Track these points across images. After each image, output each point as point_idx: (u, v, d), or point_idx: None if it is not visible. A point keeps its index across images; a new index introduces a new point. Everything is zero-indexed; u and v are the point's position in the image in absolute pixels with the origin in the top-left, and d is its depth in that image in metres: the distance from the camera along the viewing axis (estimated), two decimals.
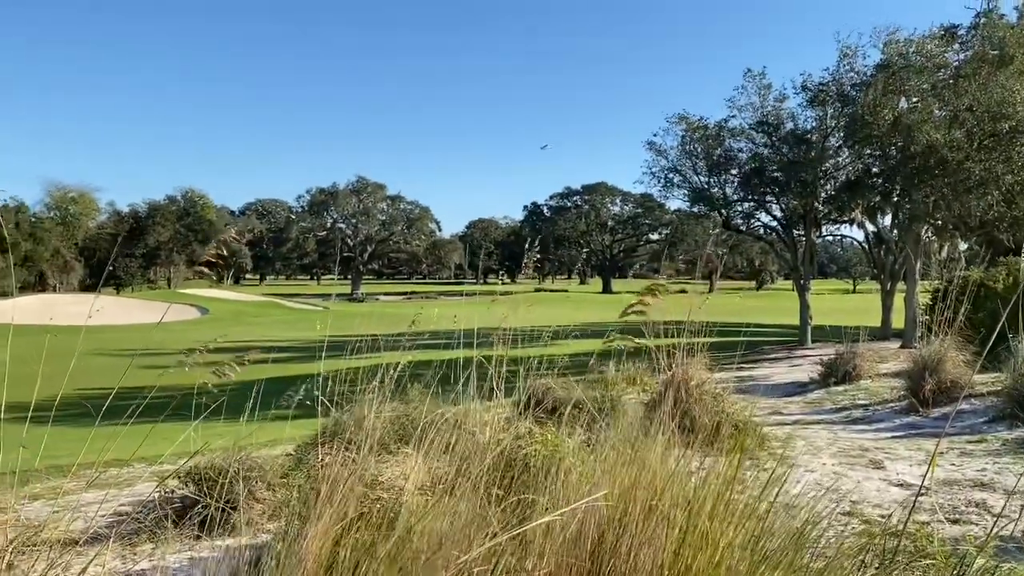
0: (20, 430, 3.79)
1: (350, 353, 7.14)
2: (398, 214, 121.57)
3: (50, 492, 6.77)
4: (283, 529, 3.73)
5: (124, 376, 4.53)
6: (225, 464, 5.27)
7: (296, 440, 6.80)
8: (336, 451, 4.46)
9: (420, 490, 3.25)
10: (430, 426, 5.53)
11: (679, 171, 33.86)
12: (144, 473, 7.22)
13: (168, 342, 29.19)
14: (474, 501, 2.79)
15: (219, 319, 61.23)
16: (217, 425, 5.88)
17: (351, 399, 6.37)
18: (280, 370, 7.43)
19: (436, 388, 7.30)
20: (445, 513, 2.65)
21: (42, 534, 3.28)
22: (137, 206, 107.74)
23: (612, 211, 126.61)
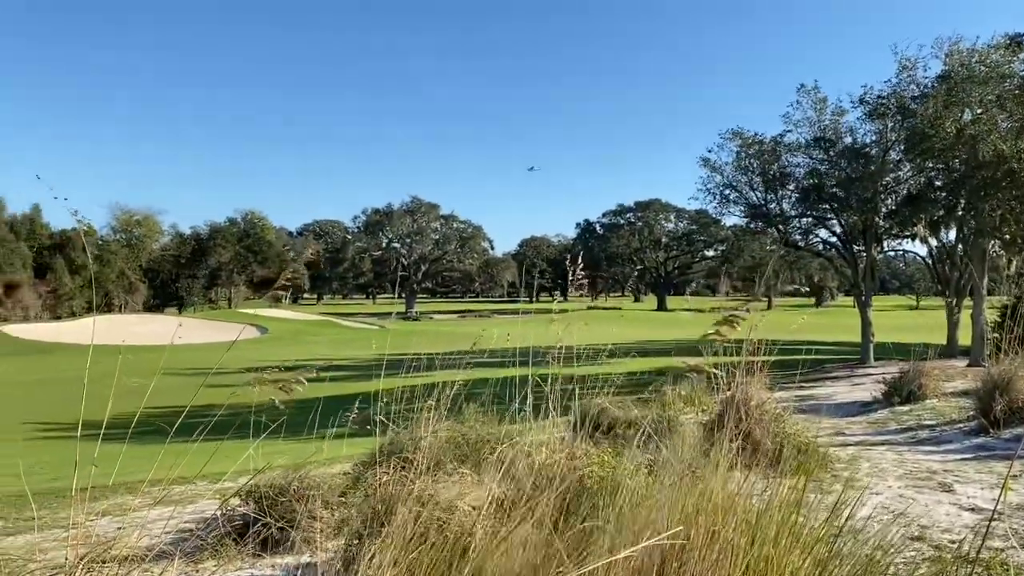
0: (93, 448, 3.90)
1: (405, 371, 7.20)
2: (451, 233, 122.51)
3: (118, 509, 6.95)
4: (342, 548, 3.77)
5: (187, 394, 4.63)
6: (285, 482, 5.34)
7: (353, 458, 6.86)
8: (393, 470, 4.49)
9: (476, 509, 3.25)
10: (486, 445, 5.54)
11: (735, 187, 33.49)
12: (206, 491, 7.36)
13: (229, 361, 29.84)
14: (538, 529, 2.76)
15: (278, 338, 62.34)
16: (277, 443, 5.98)
17: (407, 418, 6.41)
18: (337, 389, 7.51)
19: (491, 407, 7.32)
20: (510, 541, 2.62)
21: (111, 551, 3.37)
22: (199, 228, 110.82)
23: (666, 228, 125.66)
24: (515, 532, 2.72)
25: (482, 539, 2.83)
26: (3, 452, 4.75)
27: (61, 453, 11.64)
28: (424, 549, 2.74)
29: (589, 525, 2.86)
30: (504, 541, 2.68)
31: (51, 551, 3.79)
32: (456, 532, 2.89)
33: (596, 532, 2.83)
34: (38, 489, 6.71)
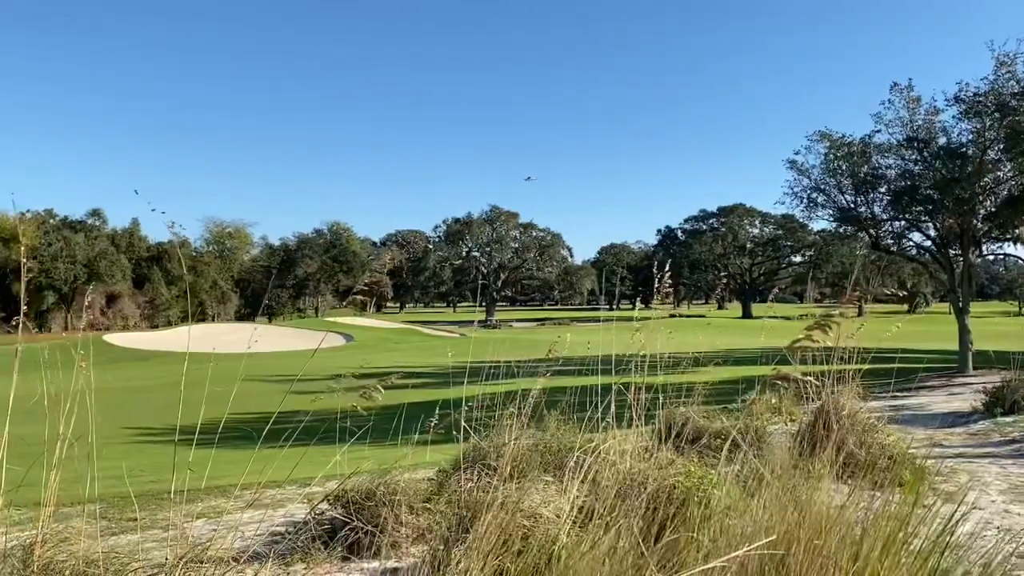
0: (188, 452, 4.06)
1: (486, 379, 7.23)
2: (530, 241, 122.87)
3: (212, 511, 7.19)
4: (427, 554, 3.80)
5: (277, 401, 4.76)
6: (371, 487, 5.43)
7: (437, 465, 6.93)
8: (477, 477, 4.51)
9: (560, 517, 3.23)
10: (568, 453, 5.50)
11: (823, 190, 32.50)
12: (295, 495, 7.55)
13: (316, 368, 30.58)
14: (626, 539, 2.72)
15: (363, 346, 63.62)
16: (363, 449, 6.09)
17: (488, 425, 6.44)
18: (420, 395, 7.61)
19: (572, 415, 7.28)
20: (597, 549, 2.59)
21: (207, 552, 3.48)
22: (287, 239, 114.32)
23: (751, 233, 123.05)
24: (602, 541, 2.69)
25: (567, 547, 2.80)
26: (105, 456, 5.00)
27: (158, 457, 12.13)
28: (509, 556, 2.73)
29: (682, 536, 2.80)
30: (591, 550, 2.65)
31: (151, 551, 3.95)
32: (541, 540, 2.88)
33: (686, 543, 2.77)
34: (137, 491, 7.00)
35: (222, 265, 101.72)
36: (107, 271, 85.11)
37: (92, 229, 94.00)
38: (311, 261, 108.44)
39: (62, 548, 3.82)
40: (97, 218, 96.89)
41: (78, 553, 3.64)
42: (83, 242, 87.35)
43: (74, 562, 3.57)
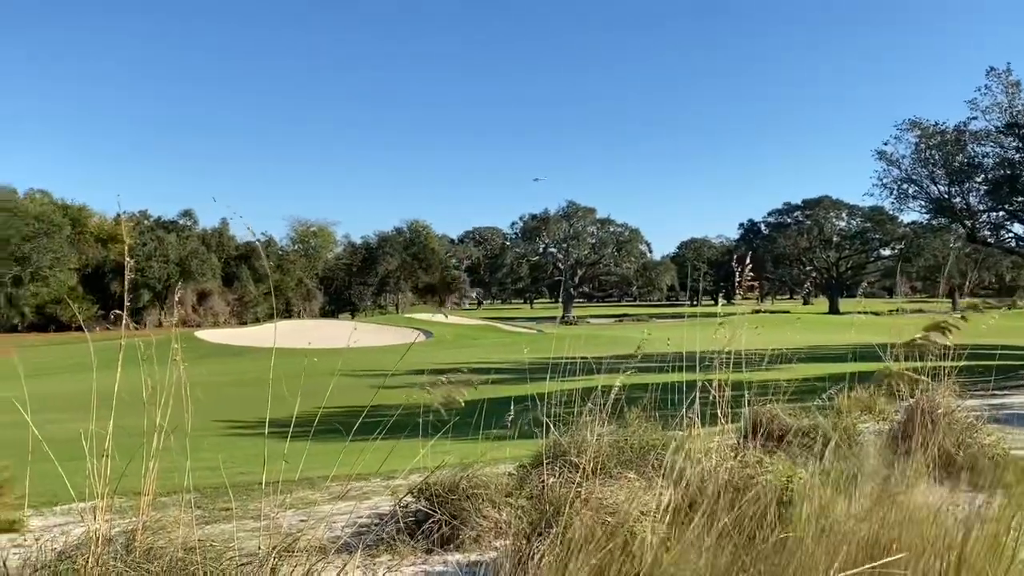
0: (277, 444, 4.18)
1: (564, 375, 7.22)
2: (608, 237, 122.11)
3: (301, 503, 7.39)
4: (509, 548, 3.82)
5: (362, 395, 4.86)
6: (454, 481, 5.49)
7: (517, 460, 6.95)
8: (558, 473, 4.51)
9: (645, 514, 3.20)
10: (651, 450, 5.45)
11: (914, 181, 31.31)
12: (380, 488, 7.69)
13: (399, 364, 31.07)
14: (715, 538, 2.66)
15: (442, 342, 64.35)
16: (445, 443, 6.16)
17: (568, 421, 6.43)
18: (498, 391, 7.65)
19: (654, 412, 7.20)
20: (690, 549, 2.55)
21: (298, 542, 3.59)
22: (368, 238, 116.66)
23: (837, 226, 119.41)
24: (693, 539, 2.65)
25: (654, 544, 2.77)
26: (198, 448, 5.21)
27: (248, 449, 12.53)
28: (593, 552, 2.72)
29: (779, 536, 2.73)
30: (682, 548, 2.61)
31: (244, 540, 4.09)
32: (626, 536, 2.85)
33: (779, 544, 2.69)
34: (229, 483, 7.25)
35: (307, 263, 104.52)
36: (198, 270, 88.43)
37: (184, 229, 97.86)
38: (391, 259, 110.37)
39: (161, 535, 3.99)
40: (188, 218, 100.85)
41: (176, 540, 3.80)
42: (175, 242, 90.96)
43: (173, 549, 3.73)
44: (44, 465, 5.22)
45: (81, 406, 4.84)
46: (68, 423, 4.42)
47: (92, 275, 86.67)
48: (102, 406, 4.30)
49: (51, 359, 52.46)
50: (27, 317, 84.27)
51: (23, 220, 73.62)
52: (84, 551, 3.76)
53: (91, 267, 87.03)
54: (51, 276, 78.13)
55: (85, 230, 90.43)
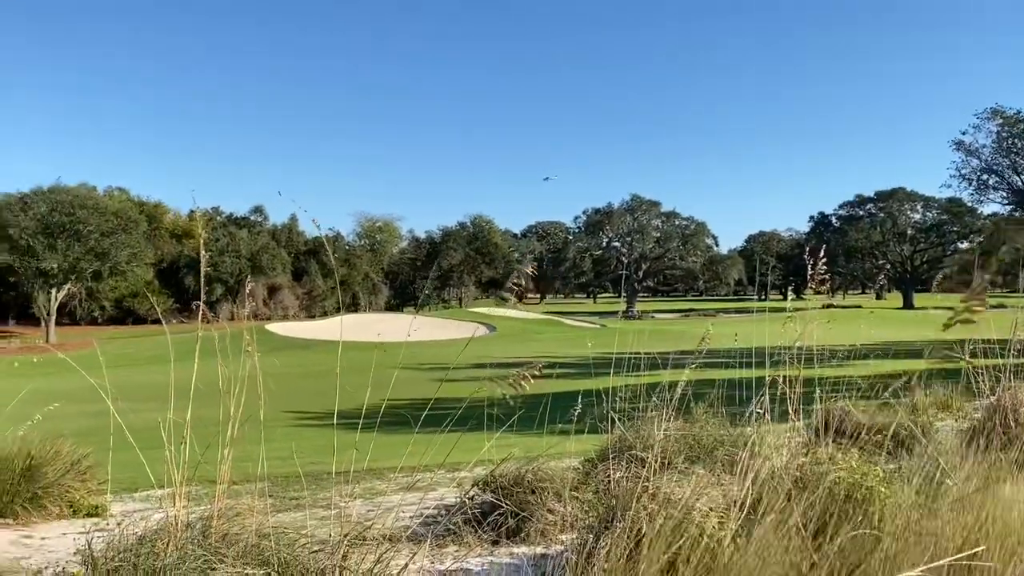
0: (345, 435, 4.26)
1: (628, 370, 7.16)
2: (673, 231, 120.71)
3: (368, 492, 7.52)
4: (574, 541, 3.81)
5: (426, 388, 4.92)
6: (519, 474, 5.51)
7: (581, 454, 6.94)
8: (624, 467, 4.49)
9: (714, 510, 3.15)
10: (719, 446, 5.37)
11: (995, 171, 30.18)
12: (444, 479, 7.77)
13: (460, 357, 31.39)
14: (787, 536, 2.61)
15: (505, 336, 64.62)
16: (510, 437, 6.18)
17: (632, 416, 6.38)
18: (562, 385, 7.63)
19: (721, 408, 7.10)
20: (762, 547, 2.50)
21: (368, 531, 3.66)
22: (432, 232, 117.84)
23: (912, 219, 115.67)
24: (767, 537, 2.60)
25: (720, 539, 2.73)
26: (269, 438, 5.36)
27: (317, 440, 12.80)
28: (660, 547, 2.70)
29: (857, 533, 2.65)
30: (754, 545, 2.56)
31: (314, 528, 4.19)
32: (694, 532, 2.82)
33: (856, 541, 2.62)
34: (298, 472, 7.42)
35: (373, 258, 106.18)
36: (268, 264, 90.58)
37: (255, 225, 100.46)
38: (455, 253, 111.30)
39: (235, 522, 4.11)
40: (259, 214, 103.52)
41: (250, 527, 3.91)
42: (247, 237, 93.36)
43: (247, 535, 3.83)
44: (124, 453, 5.43)
45: (158, 396, 5.02)
46: (146, 413, 4.59)
47: (167, 270, 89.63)
48: (179, 396, 4.45)
49: (130, 351, 54.46)
50: (106, 310, 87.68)
51: (103, 216, 76.41)
52: (163, 536, 3.90)
53: (166, 262, 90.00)
54: (129, 271, 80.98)
55: (161, 226, 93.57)
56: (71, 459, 8.07)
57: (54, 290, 76.01)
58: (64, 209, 74.39)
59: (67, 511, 7.78)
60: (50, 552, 5.99)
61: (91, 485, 8.15)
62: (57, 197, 76.05)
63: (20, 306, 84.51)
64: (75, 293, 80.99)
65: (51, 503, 7.70)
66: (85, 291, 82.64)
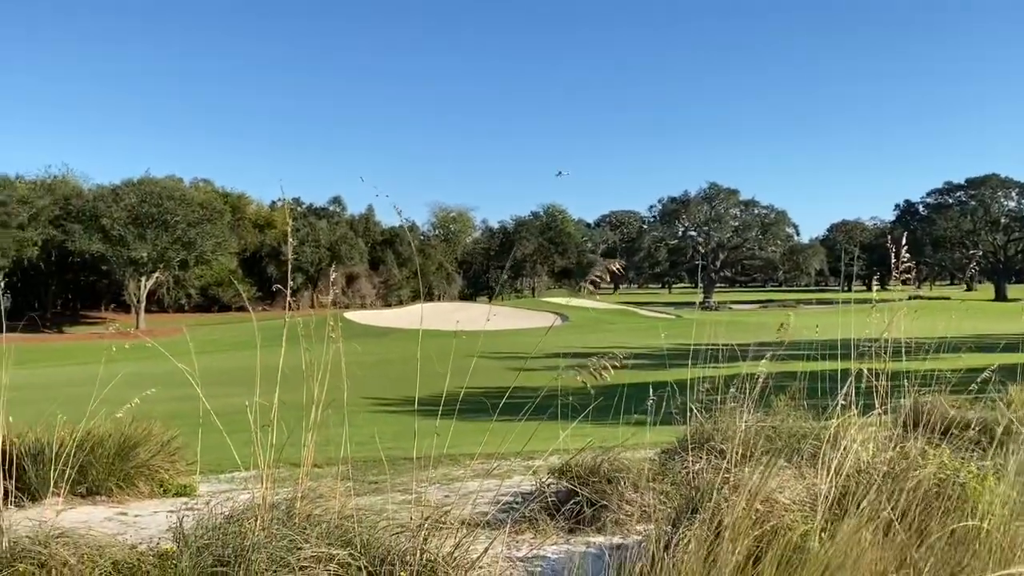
0: (421, 421, 4.33)
1: (705, 362, 7.06)
2: (752, 219, 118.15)
3: (443, 478, 7.62)
4: (652, 532, 3.78)
5: (500, 376, 4.94)
6: (595, 463, 5.50)
7: (657, 445, 6.88)
8: (704, 459, 4.43)
9: (796, 503, 3.08)
10: (801, 439, 5.25)
11: None
12: (520, 467, 7.81)
13: (534, 347, 31.45)
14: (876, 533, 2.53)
15: (578, 326, 64.45)
16: (585, 427, 6.17)
17: (710, 408, 6.29)
18: (636, 376, 7.57)
19: (802, 400, 6.93)
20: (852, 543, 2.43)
21: (446, 516, 3.71)
22: (506, 222, 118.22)
23: (1006, 207, 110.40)
24: (853, 532, 2.53)
25: (808, 534, 2.67)
26: (349, 423, 5.48)
27: (395, 426, 13.02)
28: (742, 539, 2.65)
29: (952, 529, 2.56)
30: (851, 542, 2.49)
31: (395, 512, 4.27)
32: (776, 525, 2.77)
33: (953, 537, 2.53)
34: (377, 457, 7.57)
35: (447, 248, 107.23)
36: (347, 254, 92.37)
37: (333, 215, 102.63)
38: (528, 243, 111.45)
39: (318, 503, 4.22)
40: (337, 205, 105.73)
41: (333, 509, 4.01)
42: (326, 227, 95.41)
43: (330, 516, 3.93)
44: (210, 435, 5.63)
45: (242, 381, 5.18)
46: (230, 397, 4.75)
47: (250, 259, 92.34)
48: (263, 381, 4.59)
49: (214, 337, 56.43)
50: (193, 298, 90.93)
51: (189, 207, 79.15)
52: (250, 516, 4.03)
53: (249, 251, 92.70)
54: (214, 260, 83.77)
55: (244, 216, 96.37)
56: (161, 441, 8.42)
57: (143, 278, 79.17)
58: (153, 200, 77.35)
59: (157, 490, 8.12)
60: (143, 529, 6.26)
61: (179, 466, 8.49)
62: (146, 189, 79.16)
63: (112, 293, 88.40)
64: (163, 281, 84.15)
65: (142, 482, 8.05)
66: (172, 279, 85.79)
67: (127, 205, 76.53)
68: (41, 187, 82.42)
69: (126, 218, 75.65)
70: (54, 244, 76.13)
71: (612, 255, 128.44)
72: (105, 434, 7.74)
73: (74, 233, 74.50)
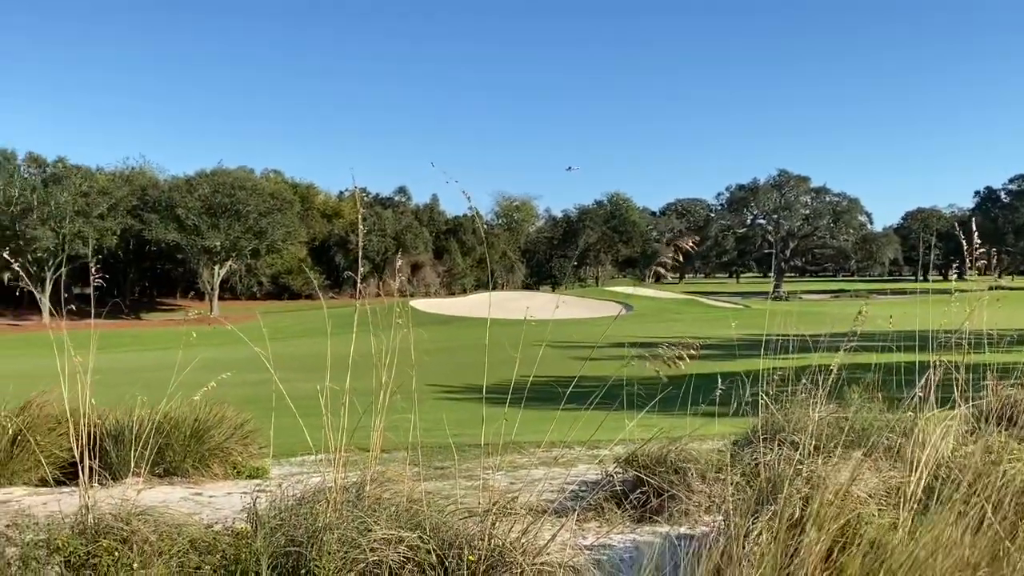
0: (487, 408, 4.35)
1: (775, 352, 6.93)
2: (823, 207, 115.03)
3: (507, 465, 7.66)
4: (720, 523, 3.73)
5: (564, 366, 4.93)
6: (661, 453, 5.45)
7: (725, 436, 6.79)
8: (774, 450, 4.35)
9: (873, 497, 3.00)
10: (876, 432, 5.11)
11: None
12: (584, 455, 7.80)
13: (598, 337, 31.29)
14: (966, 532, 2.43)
15: (643, 315, 63.91)
16: (652, 417, 6.12)
17: (780, 399, 6.17)
18: (703, 367, 7.45)
19: (877, 392, 6.74)
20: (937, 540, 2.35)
21: (513, 503, 3.73)
22: (569, 211, 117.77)
23: None
24: (939, 527, 2.45)
25: (885, 527, 2.59)
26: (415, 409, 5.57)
27: (458, 413, 13.13)
28: (825, 531, 2.59)
29: None
30: (935, 540, 2.41)
31: (462, 497, 4.32)
32: (852, 519, 2.70)
33: None
34: (442, 443, 7.65)
35: (510, 237, 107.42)
36: (411, 243, 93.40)
37: (399, 205, 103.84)
38: (592, 232, 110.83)
39: (387, 487, 4.29)
40: (403, 195, 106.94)
41: (401, 492, 4.07)
42: (391, 217, 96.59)
43: (399, 500, 3.99)
44: (281, 419, 5.77)
45: (311, 367, 5.29)
46: (300, 382, 4.86)
47: (318, 248, 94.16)
48: (333, 367, 4.68)
49: (284, 324, 57.76)
50: (264, 286, 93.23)
51: (260, 197, 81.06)
52: (321, 498, 4.12)
53: (317, 240, 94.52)
54: (284, 249, 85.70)
55: (312, 206, 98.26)
56: (235, 424, 8.67)
57: (217, 266, 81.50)
58: (225, 190, 79.49)
59: (231, 472, 8.37)
60: (217, 509, 6.46)
61: (252, 449, 8.72)
62: (219, 179, 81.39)
63: (187, 282, 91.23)
64: (235, 269, 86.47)
65: (216, 464, 8.30)
66: (244, 268, 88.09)
67: (201, 195, 78.83)
68: (119, 178, 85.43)
69: (200, 208, 77.94)
70: (132, 233, 78.90)
71: (676, 243, 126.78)
72: (181, 417, 8.00)
73: (151, 223, 77.12)
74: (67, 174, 76.18)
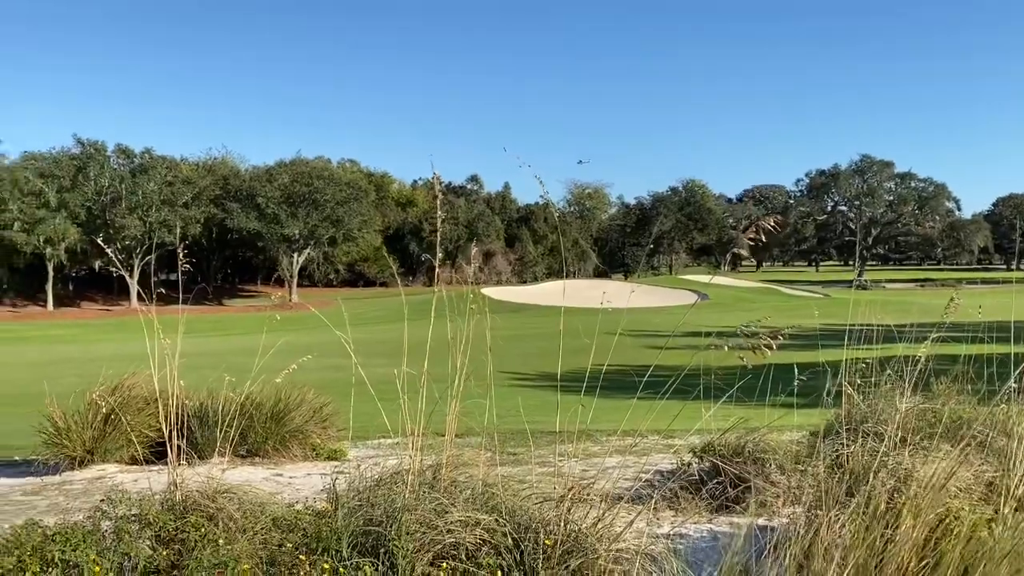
0: (561, 396, 4.35)
1: (858, 342, 6.73)
2: (908, 193, 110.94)
3: (580, 453, 7.63)
4: (800, 515, 3.66)
5: (637, 355, 4.88)
6: (739, 444, 5.36)
7: (804, 428, 6.63)
8: (857, 442, 4.23)
9: (965, 491, 2.89)
10: (966, 425, 4.92)
11: None
12: (658, 445, 7.73)
13: (672, 326, 30.91)
14: None
15: (718, 304, 62.80)
16: (728, 407, 6.02)
17: (864, 390, 5.99)
18: (783, 357, 7.27)
19: (965, 384, 6.48)
20: None
21: (588, 491, 3.73)
22: (643, 199, 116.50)
23: None
24: None
25: (978, 524, 2.49)
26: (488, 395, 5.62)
27: (529, 399, 13.17)
28: (919, 524, 2.51)
29: None
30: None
31: (536, 482, 4.33)
32: (941, 513, 2.60)
33: None
34: (517, 429, 7.68)
35: (582, 225, 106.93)
36: (483, 231, 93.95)
37: (471, 194, 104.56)
38: (666, 219, 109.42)
39: (462, 471, 4.34)
40: (475, 183, 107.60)
41: (476, 476, 4.11)
42: (464, 205, 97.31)
43: (474, 483, 4.04)
44: (359, 403, 5.87)
45: (387, 352, 5.37)
46: (377, 367, 4.94)
47: (393, 236, 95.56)
48: (409, 352, 4.75)
49: (360, 310, 58.86)
50: (340, 273, 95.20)
51: (337, 186, 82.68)
52: (398, 480, 4.20)
53: (392, 229, 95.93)
54: (360, 237, 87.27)
55: (387, 195, 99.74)
56: (313, 407, 8.89)
57: (295, 254, 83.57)
58: (303, 180, 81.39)
59: (310, 454, 8.59)
60: (297, 489, 6.64)
61: (330, 431, 8.93)
62: (298, 169, 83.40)
63: (267, 269, 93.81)
64: (313, 257, 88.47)
65: (296, 446, 8.54)
66: (322, 255, 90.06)
67: (280, 185, 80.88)
68: (203, 168, 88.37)
69: (279, 197, 79.98)
70: (214, 222, 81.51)
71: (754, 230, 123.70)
72: (263, 400, 8.25)
73: (232, 211, 79.56)
74: (153, 164, 79.16)
